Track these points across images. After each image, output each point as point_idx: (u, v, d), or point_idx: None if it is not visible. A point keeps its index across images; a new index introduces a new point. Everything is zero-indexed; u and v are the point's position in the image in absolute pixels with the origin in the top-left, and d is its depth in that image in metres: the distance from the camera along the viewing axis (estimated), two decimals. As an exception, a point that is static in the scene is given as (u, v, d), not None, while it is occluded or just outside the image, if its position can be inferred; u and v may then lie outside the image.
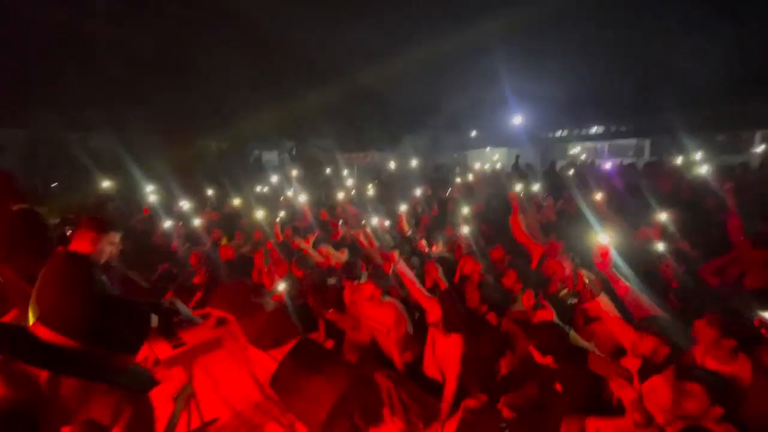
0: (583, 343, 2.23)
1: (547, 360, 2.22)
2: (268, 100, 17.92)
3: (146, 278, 5.29)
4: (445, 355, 2.91)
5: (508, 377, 2.52)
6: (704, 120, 15.33)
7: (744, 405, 1.82)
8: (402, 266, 3.18)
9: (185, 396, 1.20)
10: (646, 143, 20.72)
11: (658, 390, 1.68)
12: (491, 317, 2.97)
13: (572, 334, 2.28)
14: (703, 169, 5.65)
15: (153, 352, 2.27)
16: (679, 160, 7.86)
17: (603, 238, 2.52)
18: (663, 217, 4.01)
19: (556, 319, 2.44)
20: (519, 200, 4.39)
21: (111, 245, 2.33)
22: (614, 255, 2.62)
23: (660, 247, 3.46)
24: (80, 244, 2.23)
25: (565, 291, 3.03)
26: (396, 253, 3.21)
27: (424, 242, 5.13)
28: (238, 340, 4.24)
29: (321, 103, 19.34)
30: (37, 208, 5.15)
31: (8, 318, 4.72)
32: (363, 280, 3.55)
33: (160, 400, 3.32)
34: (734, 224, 3.82)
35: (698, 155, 7.36)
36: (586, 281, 2.26)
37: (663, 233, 3.91)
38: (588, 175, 8.17)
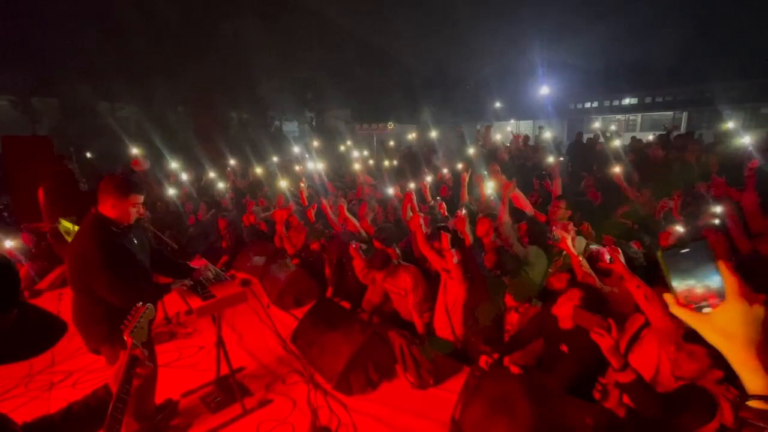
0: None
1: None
2: (289, 72, 17.83)
3: (176, 241, 5.58)
4: (454, 298, 3.09)
5: (516, 337, 2.63)
6: (749, 91, 14.28)
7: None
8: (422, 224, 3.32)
9: (142, 328, 1.26)
10: (684, 116, 19.51)
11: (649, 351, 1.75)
12: (505, 280, 3.05)
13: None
14: (744, 143, 5.34)
15: (187, 302, 2.46)
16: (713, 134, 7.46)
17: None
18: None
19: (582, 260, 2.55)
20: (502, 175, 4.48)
21: (135, 207, 2.30)
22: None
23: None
24: (105, 207, 2.24)
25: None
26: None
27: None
28: (260, 300, 4.50)
29: (341, 73, 19.09)
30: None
31: (54, 274, 5.14)
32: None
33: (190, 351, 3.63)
34: (748, 200, 3.69)
35: (732, 127, 7.00)
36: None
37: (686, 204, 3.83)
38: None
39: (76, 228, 4.15)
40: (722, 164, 5.42)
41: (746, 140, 5.23)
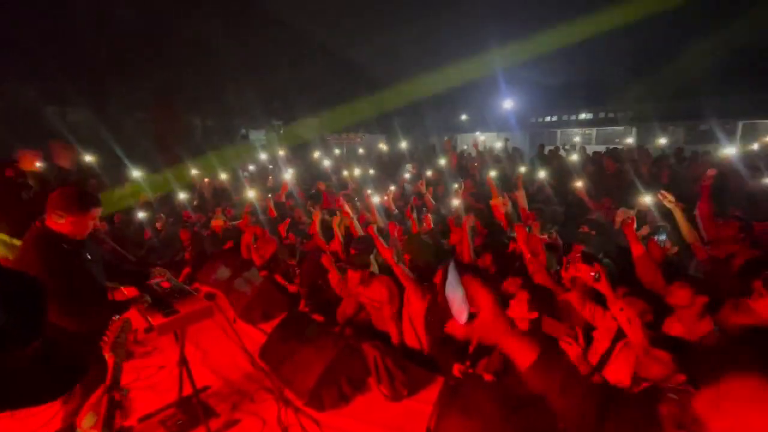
0: None
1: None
2: (256, 78, 17.52)
3: (134, 253, 5.26)
4: (416, 311, 3.13)
5: (479, 344, 2.65)
6: (688, 110, 15.75)
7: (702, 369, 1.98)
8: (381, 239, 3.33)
9: (122, 344, 1.20)
10: (633, 131, 20.98)
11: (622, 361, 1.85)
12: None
13: None
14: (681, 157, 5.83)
15: (147, 319, 2.29)
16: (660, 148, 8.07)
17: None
18: (645, 199, 4.14)
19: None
20: (497, 183, 4.64)
21: (92, 221, 2.14)
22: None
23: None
24: (56, 223, 2.02)
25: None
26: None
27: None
28: (226, 314, 4.30)
29: (309, 82, 19.01)
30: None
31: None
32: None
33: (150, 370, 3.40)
34: (704, 209, 3.88)
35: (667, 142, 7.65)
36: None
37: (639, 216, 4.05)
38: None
39: (14, 241, 3.80)
40: (672, 176, 5.83)
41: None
